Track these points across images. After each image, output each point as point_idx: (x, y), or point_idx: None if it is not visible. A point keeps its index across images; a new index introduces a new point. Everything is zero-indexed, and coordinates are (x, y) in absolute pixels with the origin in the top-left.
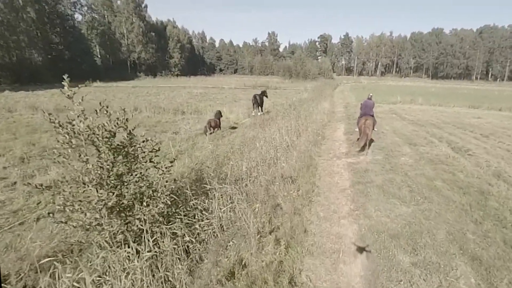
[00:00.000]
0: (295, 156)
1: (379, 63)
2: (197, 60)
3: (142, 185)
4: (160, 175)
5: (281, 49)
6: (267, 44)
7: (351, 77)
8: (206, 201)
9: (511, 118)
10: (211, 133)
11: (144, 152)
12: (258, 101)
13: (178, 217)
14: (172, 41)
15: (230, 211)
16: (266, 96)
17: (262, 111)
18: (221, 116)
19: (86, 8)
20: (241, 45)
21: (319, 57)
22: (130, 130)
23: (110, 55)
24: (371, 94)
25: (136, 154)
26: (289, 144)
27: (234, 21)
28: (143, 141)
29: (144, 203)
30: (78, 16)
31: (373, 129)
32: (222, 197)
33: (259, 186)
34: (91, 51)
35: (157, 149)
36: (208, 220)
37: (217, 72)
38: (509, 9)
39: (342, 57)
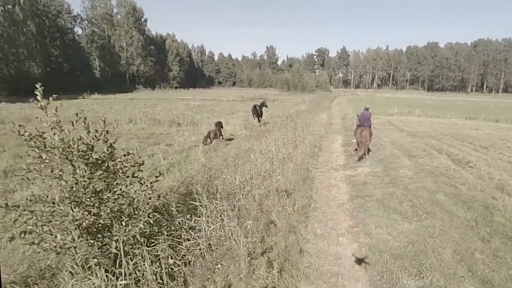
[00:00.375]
0: (291, 169)
1: (376, 76)
2: (196, 73)
3: (123, 202)
4: (142, 191)
5: (279, 63)
6: (265, 57)
7: (348, 90)
8: (194, 218)
9: (508, 130)
10: (211, 143)
11: (125, 166)
12: (258, 112)
13: (162, 237)
14: (171, 54)
15: (220, 229)
16: (266, 106)
17: (260, 121)
18: (222, 127)
19: (86, 22)
20: (239, 59)
21: (316, 70)
22: (111, 143)
23: (109, 68)
24: (367, 106)
25: (116, 169)
26: (285, 156)
27: (234, 36)
28: (125, 155)
29: (123, 223)
30: (78, 30)
31: (370, 139)
32: (211, 213)
33: (252, 201)
34: (90, 64)
35: (141, 163)
36: (195, 240)
37: (216, 84)
38: (501, 23)
39: (339, 70)
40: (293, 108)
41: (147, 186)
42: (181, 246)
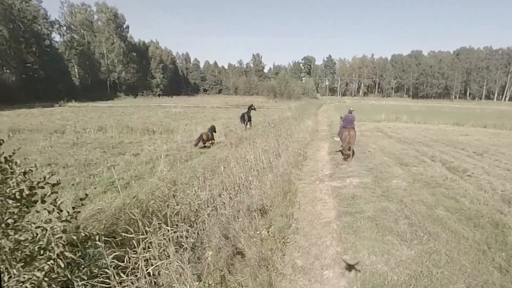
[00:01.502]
0: (270, 180)
1: (362, 84)
2: (180, 81)
3: (23, 238)
4: (45, 223)
5: (266, 70)
6: (251, 65)
7: (335, 97)
8: (130, 254)
9: (498, 135)
10: (204, 145)
11: (23, 188)
12: (246, 118)
13: (80, 284)
14: (155, 61)
15: (165, 267)
16: (254, 109)
17: (251, 125)
18: (215, 131)
19: (65, 28)
20: (226, 66)
21: (303, 78)
22: (6, 157)
23: (89, 75)
24: (351, 108)
25: (10, 193)
26: (265, 166)
27: (220, 45)
28: (24, 173)
29: (14, 270)
30: (55, 36)
31: (355, 141)
32: (156, 245)
33: (216, 224)
34: (69, 71)
35: (55, 183)
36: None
37: (201, 92)
38: (483, 32)
39: (325, 78)
40: (279, 114)
41: (66, 213)
42: None
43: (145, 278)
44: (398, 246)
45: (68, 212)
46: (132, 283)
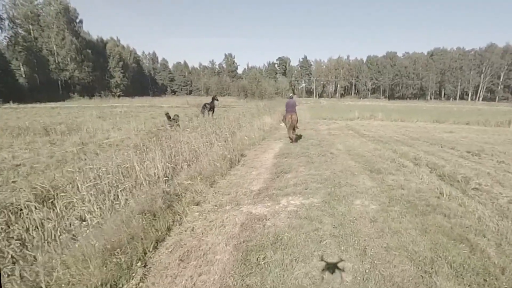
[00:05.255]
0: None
1: (338, 85)
2: (146, 81)
3: None
4: None
5: (240, 71)
6: (224, 65)
7: (311, 99)
8: None
9: (485, 132)
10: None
11: None
12: (208, 107)
13: None
14: (113, 59)
15: None
16: (217, 100)
17: (213, 115)
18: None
19: (7, 22)
20: (197, 67)
21: (278, 79)
22: None
23: (38, 75)
24: (291, 94)
25: None
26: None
27: (193, 46)
28: None
29: None
30: None
31: (297, 124)
32: None
33: None
34: (11, 69)
35: None
36: None
37: (169, 93)
38: (455, 32)
39: (302, 79)
40: (238, 112)
41: None
42: None
43: None
44: None
45: None
46: None
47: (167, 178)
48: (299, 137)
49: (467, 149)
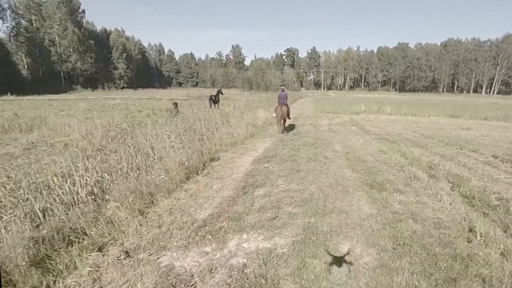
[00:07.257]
0: None
1: (348, 77)
2: (151, 73)
3: None
4: None
5: (247, 63)
6: (231, 57)
7: (319, 91)
8: None
9: (508, 129)
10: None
11: None
12: (214, 99)
13: None
14: (117, 50)
15: None
16: (222, 93)
17: (219, 107)
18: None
19: (9, 12)
20: (204, 59)
21: (285, 70)
22: None
23: (40, 66)
24: (283, 87)
25: None
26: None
27: (201, 38)
28: None
29: None
30: None
31: (288, 115)
32: None
33: None
34: (13, 60)
35: None
36: None
37: (174, 85)
38: (470, 22)
39: (310, 71)
40: (237, 104)
41: None
42: None
43: None
44: None
45: None
46: None
47: (93, 197)
48: (293, 135)
49: (492, 152)
